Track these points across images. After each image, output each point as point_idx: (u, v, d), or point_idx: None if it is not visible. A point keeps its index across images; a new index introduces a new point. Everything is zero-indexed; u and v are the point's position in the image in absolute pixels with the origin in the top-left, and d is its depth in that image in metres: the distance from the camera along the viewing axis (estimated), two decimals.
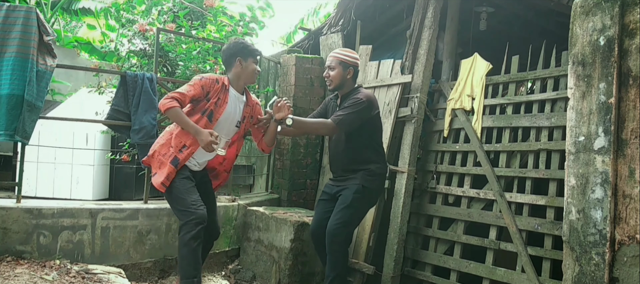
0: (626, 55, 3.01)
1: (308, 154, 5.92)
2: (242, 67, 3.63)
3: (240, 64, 3.62)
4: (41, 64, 3.92)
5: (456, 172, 4.62)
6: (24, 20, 3.85)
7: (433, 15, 5.04)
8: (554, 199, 3.82)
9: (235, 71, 3.64)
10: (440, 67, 5.26)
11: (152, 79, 4.44)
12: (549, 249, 3.81)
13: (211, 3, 6.18)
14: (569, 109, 3.25)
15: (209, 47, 5.53)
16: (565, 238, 3.23)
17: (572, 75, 3.25)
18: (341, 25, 6.11)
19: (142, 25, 5.51)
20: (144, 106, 4.36)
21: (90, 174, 5.48)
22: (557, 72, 4.08)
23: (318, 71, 6.02)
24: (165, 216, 4.37)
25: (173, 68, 5.51)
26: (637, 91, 2.95)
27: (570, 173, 3.21)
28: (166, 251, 4.36)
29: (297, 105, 5.83)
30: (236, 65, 3.62)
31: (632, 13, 3.00)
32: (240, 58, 3.61)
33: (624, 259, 2.95)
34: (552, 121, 3.97)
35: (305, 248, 4.41)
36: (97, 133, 5.43)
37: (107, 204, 4.34)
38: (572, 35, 3.27)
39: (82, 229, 3.99)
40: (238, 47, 3.64)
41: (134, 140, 4.39)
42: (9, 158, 6.10)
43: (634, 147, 2.93)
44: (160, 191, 3.49)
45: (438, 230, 4.59)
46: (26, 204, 3.93)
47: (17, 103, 3.77)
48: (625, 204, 2.98)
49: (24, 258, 3.74)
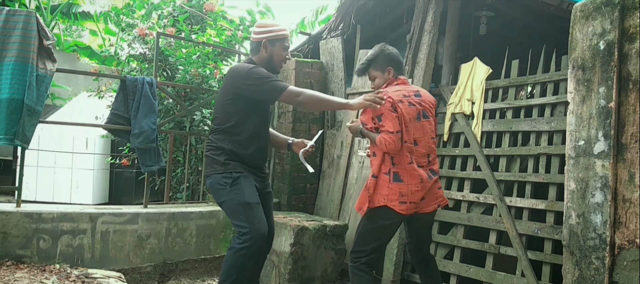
0: (626, 60, 3.02)
1: (308, 158, 5.91)
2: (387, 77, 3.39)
3: (389, 74, 3.38)
4: (41, 68, 3.92)
5: (456, 176, 4.61)
6: (24, 24, 3.85)
7: (433, 19, 5.05)
8: (553, 203, 3.82)
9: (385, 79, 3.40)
10: (440, 71, 5.27)
11: (151, 83, 4.44)
12: (548, 254, 3.81)
13: (211, 7, 6.19)
14: (569, 113, 3.25)
15: (208, 52, 5.54)
16: (565, 242, 3.22)
17: (572, 79, 3.26)
18: (341, 29, 6.11)
19: (141, 29, 5.52)
20: (143, 110, 4.36)
21: (90, 178, 5.49)
22: (557, 77, 4.08)
23: (318, 75, 6.03)
24: (165, 220, 4.36)
25: (173, 72, 5.52)
26: (636, 95, 2.95)
27: (570, 177, 3.21)
28: (166, 256, 4.36)
29: (296, 109, 5.83)
30: (386, 74, 3.38)
31: (632, 17, 3.00)
32: (391, 68, 3.38)
33: (624, 263, 2.95)
34: (552, 125, 3.98)
35: (305, 252, 4.41)
36: (97, 137, 5.45)
37: (107, 209, 4.34)
38: (572, 40, 3.28)
39: (82, 234, 3.98)
40: (392, 57, 3.40)
41: (133, 144, 4.39)
42: (9, 162, 6.11)
43: (634, 152, 2.93)
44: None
45: (438, 234, 4.59)
46: (26, 209, 3.92)
47: (17, 107, 3.77)
48: (625, 208, 2.98)
49: (24, 262, 3.74)
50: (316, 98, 3.28)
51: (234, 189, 3.12)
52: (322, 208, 5.62)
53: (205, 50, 5.51)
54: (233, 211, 3.14)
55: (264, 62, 3.27)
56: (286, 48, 3.32)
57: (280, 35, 3.27)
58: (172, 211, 4.46)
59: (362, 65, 3.45)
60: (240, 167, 3.18)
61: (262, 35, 3.26)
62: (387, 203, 3.13)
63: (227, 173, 3.15)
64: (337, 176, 5.53)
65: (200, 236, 4.55)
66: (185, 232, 4.47)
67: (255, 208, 3.12)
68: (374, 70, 3.40)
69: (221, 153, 3.19)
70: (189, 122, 5.30)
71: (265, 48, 3.25)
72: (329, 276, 4.61)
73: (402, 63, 3.46)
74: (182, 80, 5.27)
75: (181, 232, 4.44)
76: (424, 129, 3.25)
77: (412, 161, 3.16)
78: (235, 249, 3.03)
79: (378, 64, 3.38)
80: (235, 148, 3.18)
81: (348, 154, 5.45)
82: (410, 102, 3.21)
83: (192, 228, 4.51)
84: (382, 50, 3.40)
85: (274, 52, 3.26)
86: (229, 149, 3.18)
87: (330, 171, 5.68)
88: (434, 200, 3.29)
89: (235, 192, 3.11)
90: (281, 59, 3.31)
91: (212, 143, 3.26)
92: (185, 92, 5.40)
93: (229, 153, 3.18)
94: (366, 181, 3.32)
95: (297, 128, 5.81)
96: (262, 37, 3.25)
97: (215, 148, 3.22)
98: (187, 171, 4.95)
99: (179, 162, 5.48)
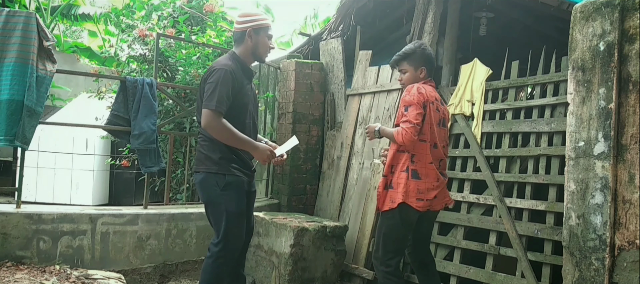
0: (626, 61, 3.02)
1: (308, 159, 5.92)
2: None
3: (420, 73, 3.42)
4: (41, 69, 3.92)
5: (456, 177, 4.61)
6: (24, 25, 3.86)
7: (433, 20, 5.05)
8: (553, 204, 3.82)
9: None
10: (440, 72, 5.27)
11: (151, 84, 4.44)
12: (548, 255, 3.81)
13: (211, 8, 6.19)
14: (569, 114, 3.25)
15: (208, 53, 5.54)
16: (565, 243, 3.22)
17: (572, 80, 3.26)
18: (341, 30, 6.12)
19: (141, 30, 5.52)
20: (143, 111, 4.36)
21: (90, 179, 5.49)
22: (557, 78, 4.08)
23: (318, 76, 6.03)
24: (165, 221, 4.36)
25: (173, 73, 5.52)
26: (636, 96, 2.95)
27: (570, 178, 3.21)
28: (166, 257, 4.36)
29: (296, 110, 5.83)
30: (418, 72, 3.41)
31: (632, 18, 3.00)
32: (424, 68, 3.41)
33: (624, 264, 2.95)
34: (552, 126, 3.98)
35: (305, 253, 4.41)
36: (97, 138, 5.45)
37: (107, 210, 4.33)
38: (572, 41, 3.28)
39: (81, 235, 3.98)
40: (428, 58, 3.43)
41: (133, 145, 4.39)
42: (9, 163, 6.11)
43: (634, 153, 2.93)
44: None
45: (438, 235, 4.58)
46: (26, 210, 3.92)
47: (16, 108, 3.77)
48: (625, 209, 2.97)
49: (24, 263, 3.74)
50: (227, 134, 3.07)
51: (224, 194, 3.11)
52: (322, 209, 5.62)
53: (205, 52, 5.51)
54: (215, 216, 3.15)
55: (249, 51, 3.27)
56: (270, 37, 3.32)
57: (264, 24, 3.26)
58: (172, 212, 4.46)
59: (398, 57, 3.45)
60: (234, 166, 3.16)
61: (246, 24, 3.23)
62: (406, 200, 3.18)
63: (220, 174, 3.12)
64: (337, 177, 5.53)
65: (200, 237, 4.55)
66: (185, 233, 4.46)
67: (238, 220, 3.15)
68: (409, 64, 3.41)
69: (215, 149, 3.14)
70: (189, 124, 5.30)
71: (250, 37, 3.23)
72: (329, 277, 4.61)
73: (434, 67, 3.49)
74: (182, 81, 5.27)
75: (181, 233, 4.44)
76: (441, 136, 3.36)
77: (432, 160, 3.25)
78: (211, 256, 3.13)
79: (413, 60, 3.40)
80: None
81: (348, 155, 5.45)
82: (437, 107, 3.31)
83: (192, 229, 4.51)
84: (421, 48, 3.42)
85: (259, 41, 3.25)
86: (223, 144, 3.12)
87: (330, 172, 5.68)
88: (443, 199, 3.39)
89: (224, 198, 3.11)
90: (266, 47, 3.30)
91: (205, 138, 3.19)
92: (185, 93, 5.40)
93: (224, 149, 3.12)
94: (366, 182, 3.33)
95: (297, 129, 5.81)
96: (246, 27, 3.23)
97: (210, 141, 3.15)
98: (187, 172, 4.95)
99: (179, 163, 5.48)
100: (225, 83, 3.05)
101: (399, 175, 3.25)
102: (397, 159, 3.28)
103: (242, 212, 3.19)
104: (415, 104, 3.15)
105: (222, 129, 3.03)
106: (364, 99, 5.48)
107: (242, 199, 3.19)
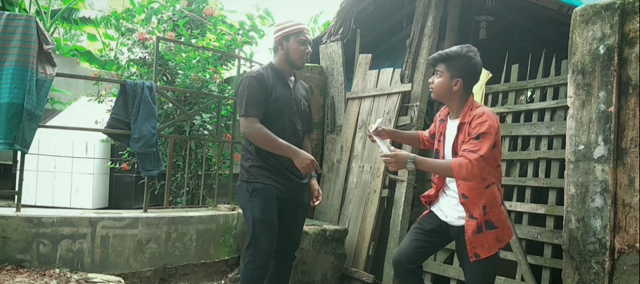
0: (626, 64, 3.02)
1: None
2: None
3: (455, 85, 2.90)
4: (41, 72, 3.92)
5: None
6: (24, 29, 3.85)
7: (433, 24, 5.06)
8: (553, 207, 3.82)
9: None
10: None
11: (151, 87, 4.44)
12: (548, 258, 3.80)
13: (211, 12, 6.19)
14: (569, 117, 3.26)
15: (208, 56, 5.54)
16: (565, 246, 3.22)
17: (571, 84, 3.26)
18: (341, 34, 6.12)
19: (141, 34, 5.52)
20: (143, 115, 4.36)
21: (90, 182, 5.48)
22: (556, 81, 4.08)
23: (318, 80, 6.03)
24: (164, 224, 4.36)
25: (173, 77, 5.52)
26: (636, 99, 2.95)
27: (570, 182, 3.21)
28: (166, 260, 4.35)
29: None
30: (453, 82, 2.91)
31: (632, 22, 3.01)
32: (461, 80, 2.91)
33: (624, 268, 2.95)
34: (551, 130, 3.98)
35: (305, 257, 4.40)
36: (97, 142, 5.44)
37: (107, 213, 4.33)
38: (571, 44, 3.28)
39: (81, 238, 3.98)
40: (472, 70, 2.93)
41: (133, 149, 4.39)
42: (9, 167, 6.10)
43: (634, 156, 2.93)
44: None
45: None
46: (26, 213, 3.92)
47: (16, 112, 3.77)
48: (625, 212, 2.97)
49: (24, 266, 3.73)
50: (263, 139, 3.11)
51: (251, 201, 3.19)
52: (322, 213, 5.61)
53: (205, 55, 5.51)
54: (247, 222, 3.25)
55: (283, 59, 3.29)
56: (303, 42, 3.25)
57: (294, 29, 3.25)
58: (172, 215, 4.46)
59: (439, 56, 2.94)
60: (264, 174, 3.19)
61: (277, 34, 3.29)
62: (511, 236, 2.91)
63: (249, 182, 3.21)
64: (337, 181, 5.53)
65: (200, 241, 4.54)
66: (185, 236, 4.46)
67: (264, 226, 3.16)
68: (447, 69, 2.88)
69: (247, 158, 3.25)
70: (188, 127, 5.30)
71: (281, 45, 3.27)
72: (329, 281, 4.60)
73: (474, 83, 3.00)
74: (182, 84, 5.27)
75: (181, 236, 4.44)
76: None
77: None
78: (243, 259, 3.25)
79: (453, 66, 2.87)
80: (261, 151, 3.20)
81: (348, 158, 5.45)
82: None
83: (192, 233, 4.50)
84: (468, 55, 2.89)
85: (290, 48, 3.25)
86: (256, 152, 3.20)
87: (330, 176, 5.68)
88: None
89: (251, 204, 3.19)
90: (299, 53, 3.25)
91: (243, 147, 3.34)
92: (185, 96, 5.40)
93: (254, 157, 3.21)
94: (366, 186, 3.31)
95: None
96: (277, 36, 3.29)
97: (245, 150, 3.30)
98: (187, 175, 4.95)
99: (179, 167, 5.47)
100: (250, 87, 3.12)
101: (499, 211, 2.78)
102: (488, 197, 2.73)
103: (269, 219, 3.18)
104: (493, 135, 2.63)
105: (258, 133, 3.10)
106: (364, 103, 5.48)
107: (269, 207, 3.19)
